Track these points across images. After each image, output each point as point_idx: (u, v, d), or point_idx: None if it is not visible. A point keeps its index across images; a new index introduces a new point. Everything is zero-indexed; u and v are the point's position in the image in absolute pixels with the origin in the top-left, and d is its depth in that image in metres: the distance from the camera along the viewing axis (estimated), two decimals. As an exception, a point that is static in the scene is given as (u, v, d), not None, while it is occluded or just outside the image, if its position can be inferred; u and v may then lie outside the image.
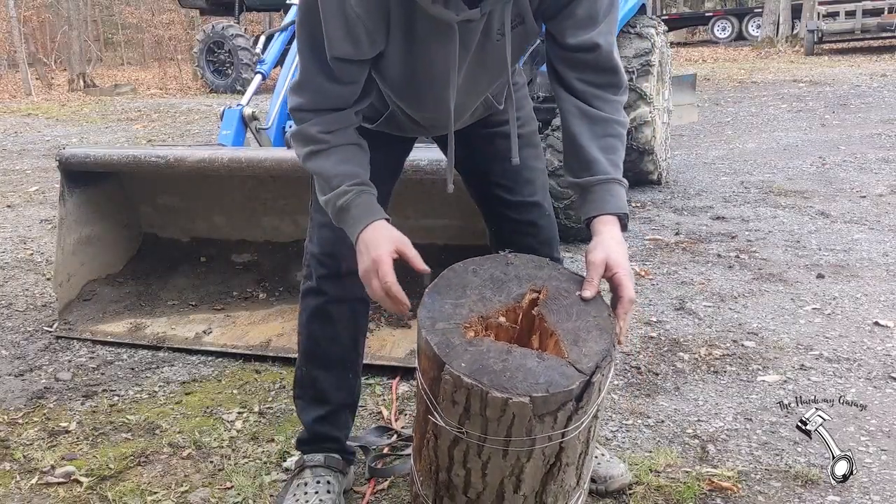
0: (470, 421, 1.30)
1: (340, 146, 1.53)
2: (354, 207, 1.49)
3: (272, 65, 4.28)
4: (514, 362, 1.29)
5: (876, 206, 4.55)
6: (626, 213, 1.51)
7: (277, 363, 2.71)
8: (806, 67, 13.20)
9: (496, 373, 1.27)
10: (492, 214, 1.93)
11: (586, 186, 1.52)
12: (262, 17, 23.18)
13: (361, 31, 1.41)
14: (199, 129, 9.97)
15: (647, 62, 4.63)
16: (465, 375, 1.26)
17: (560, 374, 1.27)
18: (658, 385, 2.46)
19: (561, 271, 1.51)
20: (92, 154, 2.97)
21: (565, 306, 1.41)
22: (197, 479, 2.03)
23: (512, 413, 1.25)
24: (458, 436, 1.34)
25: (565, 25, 1.50)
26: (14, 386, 2.63)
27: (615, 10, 1.55)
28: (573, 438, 1.33)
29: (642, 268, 3.62)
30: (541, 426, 1.27)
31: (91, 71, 22.06)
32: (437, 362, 1.32)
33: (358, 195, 1.50)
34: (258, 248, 3.34)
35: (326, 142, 1.52)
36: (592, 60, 1.52)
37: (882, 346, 2.68)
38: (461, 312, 1.39)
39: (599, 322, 1.38)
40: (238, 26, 16.13)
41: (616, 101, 1.56)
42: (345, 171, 1.51)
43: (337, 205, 1.51)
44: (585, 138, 1.52)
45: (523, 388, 1.25)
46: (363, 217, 1.48)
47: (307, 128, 1.54)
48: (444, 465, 1.41)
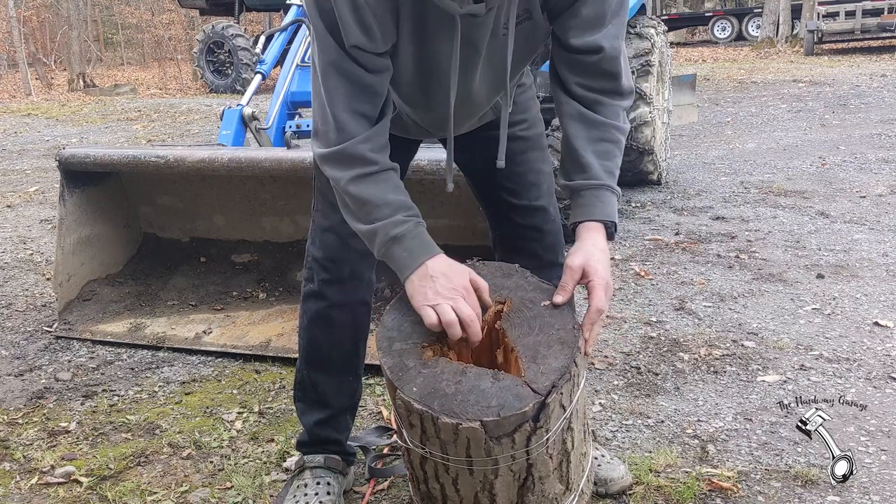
0: (430, 443, 1.29)
1: (389, 170, 1.44)
2: (412, 239, 1.39)
3: (272, 65, 4.28)
4: (468, 384, 1.27)
5: (876, 206, 4.55)
6: (614, 221, 1.48)
7: (277, 363, 2.71)
8: (806, 67, 13.20)
9: (447, 397, 1.25)
10: (496, 218, 1.90)
11: (576, 190, 1.50)
12: (262, 17, 23.20)
13: (371, 19, 1.36)
14: (199, 129, 9.97)
15: (647, 62, 4.63)
16: (415, 401, 1.25)
17: (514, 395, 1.24)
18: (658, 385, 2.46)
19: (529, 280, 1.48)
20: (92, 154, 2.98)
21: (528, 319, 1.38)
22: (197, 479, 2.03)
23: (466, 437, 1.23)
24: (423, 455, 1.33)
25: (570, 25, 1.45)
26: (14, 386, 2.63)
27: (623, 13, 1.49)
28: (541, 454, 1.30)
29: (642, 268, 3.62)
30: (499, 447, 1.25)
31: (91, 71, 22.08)
32: (392, 387, 1.31)
33: (416, 226, 1.41)
34: (258, 248, 3.34)
35: (376, 163, 1.42)
36: (595, 64, 1.48)
37: (882, 346, 2.68)
38: (421, 330, 1.36)
39: (562, 335, 1.34)
40: (238, 26, 16.15)
41: (616, 106, 1.52)
42: (398, 200, 1.42)
43: (390, 234, 1.39)
44: (580, 141, 1.49)
45: (474, 412, 1.22)
46: (425, 249, 1.39)
47: (355, 146, 1.40)
48: (420, 477, 1.40)
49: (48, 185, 6.34)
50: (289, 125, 3.85)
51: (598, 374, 2.54)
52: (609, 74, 1.50)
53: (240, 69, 15.31)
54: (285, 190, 3.17)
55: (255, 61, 9.39)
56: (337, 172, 1.43)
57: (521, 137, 1.78)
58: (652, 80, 4.69)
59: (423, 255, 1.38)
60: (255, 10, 18.68)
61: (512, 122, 1.72)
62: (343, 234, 1.70)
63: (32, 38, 26.09)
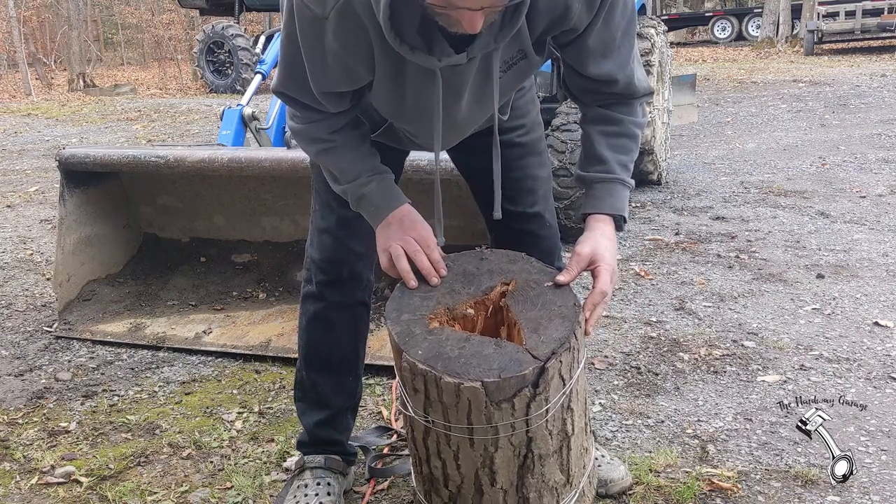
0: (433, 409, 1.33)
1: (349, 144, 1.53)
2: (377, 195, 1.52)
3: (272, 65, 4.27)
4: (471, 350, 1.32)
5: (876, 206, 4.55)
6: (624, 215, 1.51)
7: (277, 363, 2.71)
8: (806, 67, 13.20)
9: (451, 359, 1.30)
10: (493, 223, 1.85)
11: (589, 182, 1.53)
12: (262, 17, 23.18)
13: (339, 66, 1.37)
14: (199, 129, 9.97)
15: (647, 62, 4.63)
16: (420, 362, 1.30)
17: (514, 360, 1.30)
18: (658, 385, 2.46)
19: (534, 265, 1.52)
20: (92, 154, 2.98)
21: (531, 297, 1.43)
22: (197, 479, 2.03)
23: (467, 399, 1.28)
24: (427, 426, 1.36)
25: (580, 56, 1.45)
26: (14, 386, 2.63)
27: (632, 31, 1.46)
28: (540, 427, 1.33)
29: (642, 268, 3.62)
30: (499, 413, 1.29)
31: (91, 71, 22.07)
32: (398, 351, 1.35)
33: (380, 183, 1.53)
34: (258, 248, 3.34)
35: (333, 140, 1.53)
36: (609, 91, 1.50)
37: (882, 346, 2.68)
38: (428, 304, 1.42)
39: (563, 311, 1.39)
40: (238, 26, 16.14)
41: (635, 103, 1.55)
42: (360, 165, 1.53)
43: (357, 193, 1.53)
44: (597, 135, 1.53)
45: (476, 373, 1.27)
46: (389, 203, 1.52)
47: (312, 129, 1.54)
48: (423, 456, 1.43)
49: (48, 185, 6.34)
50: (289, 125, 3.85)
51: (598, 374, 2.54)
52: (626, 96, 1.53)
53: (240, 69, 15.31)
54: (285, 190, 3.17)
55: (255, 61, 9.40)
56: (304, 147, 1.60)
57: (518, 144, 1.76)
58: (652, 80, 4.69)
59: (386, 209, 1.52)
60: (255, 10, 18.64)
61: (510, 128, 1.72)
62: (340, 235, 1.70)
63: (32, 38, 26.08)
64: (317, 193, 1.75)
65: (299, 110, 1.54)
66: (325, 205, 1.73)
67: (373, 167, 1.55)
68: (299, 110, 1.54)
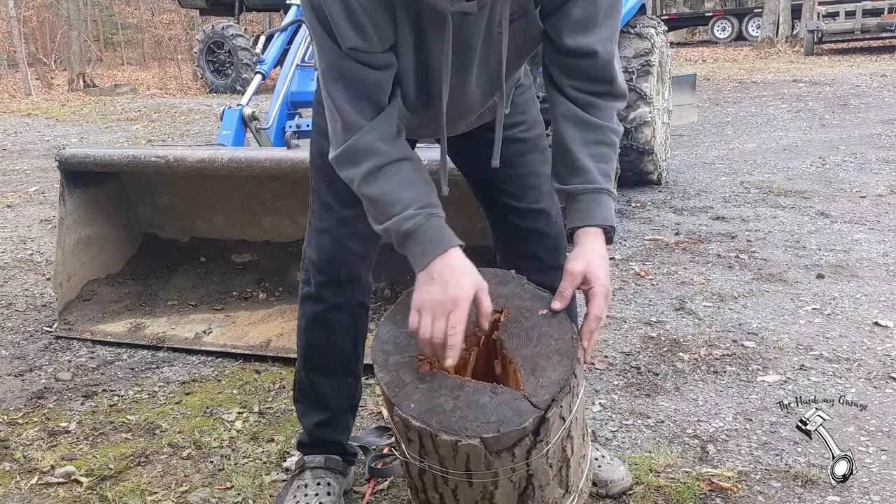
0: (428, 456, 1.28)
1: (401, 161, 1.39)
2: (424, 233, 1.35)
3: (272, 65, 4.28)
4: (466, 399, 1.25)
5: (876, 206, 4.55)
6: (613, 226, 1.45)
7: (277, 363, 2.71)
8: (806, 67, 13.20)
9: (446, 413, 1.23)
10: (496, 220, 1.86)
11: (573, 194, 1.46)
12: (262, 17, 23.19)
13: (365, 19, 1.33)
14: (199, 129, 9.97)
15: (647, 62, 4.63)
16: (413, 418, 1.23)
17: (513, 410, 1.23)
18: (658, 385, 2.46)
19: (526, 287, 1.45)
20: (92, 154, 2.98)
21: (526, 329, 1.36)
22: (197, 479, 2.03)
23: (465, 453, 1.22)
24: (422, 468, 1.31)
25: (561, 26, 1.43)
26: (14, 386, 2.63)
27: (616, 16, 1.46)
28: (541, 465, 1.28)
29: (642, 268, 3.62)
30: (499, 461, 1.24)
31: (91, 71, 22.08)
32: (390, 405, 1.29)
33: (428, 219, 1.36)
34: (258, 248, 3.34)
35: (384, 154, 1.37)
36: (588, 68, 1.46)
37: (882, 346, 2.68)
38: (416, 342, 1.33)
39: (561, 346, 1.32)
40: (238, 26, 16.16)
41: (610, 108, 1.49)
42: (409, 195, 1.37)
43: (401, 230, 1.35)
44: (576, 143, 1.46)
45: (473, 428, 1.20)
46: (436, 245, 1.34)
47: (359, 139, 1.37)
48: (419, 487, 1.38)
49: (48, 185, 6.34)
50: (289, 125, 3.85)
51: (598, 374, 2.54)
52: (603, 78, 1.47)
53: (240, 69, 15.32)
54: (285, 190, 3.17)
55: (255, 61, 9.39)
56: (350, 172, 1.40)
57: (520, 139, 1.75)
58: (652, 80, 4.69)
59: (432, 253, 1.34)
60: (255, 10, 18.67)
61: (511, 124, 1.70)
62: (339, 235, 1.69)
63: (32, 38, 26.08)
64: (315, 193, 1.74)
65: (342, 117, 1.39)
66: (323, 205, 1.72)
67: (426, 201, 1.38)
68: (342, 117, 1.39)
